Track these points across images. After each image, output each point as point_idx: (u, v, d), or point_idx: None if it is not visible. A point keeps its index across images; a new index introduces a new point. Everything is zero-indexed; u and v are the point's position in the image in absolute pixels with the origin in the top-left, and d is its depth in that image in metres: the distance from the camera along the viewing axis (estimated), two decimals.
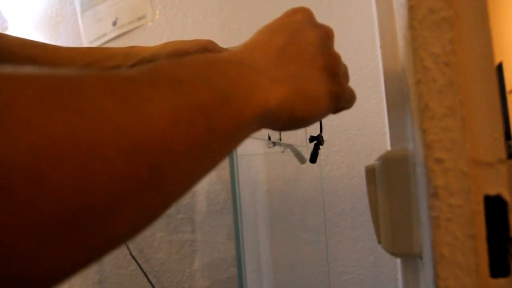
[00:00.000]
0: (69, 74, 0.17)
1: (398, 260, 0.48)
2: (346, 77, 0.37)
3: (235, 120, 0.24)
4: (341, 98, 0.34)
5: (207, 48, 0.53)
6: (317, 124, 0.57)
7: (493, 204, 0.26)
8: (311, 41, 0.33)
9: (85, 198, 0.15)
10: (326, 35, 0.34)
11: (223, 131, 0.23)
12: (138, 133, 0.17)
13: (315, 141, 0.55)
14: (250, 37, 0.33)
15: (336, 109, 0.35)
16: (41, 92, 0.15)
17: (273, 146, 0.88)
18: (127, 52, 0.52)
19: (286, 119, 0.29)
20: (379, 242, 0.44)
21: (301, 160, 0.93)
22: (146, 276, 1.13)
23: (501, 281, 0.26)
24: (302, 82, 0.30)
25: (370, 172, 0.45)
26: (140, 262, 1.15)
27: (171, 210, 1.18)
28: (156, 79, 0.20)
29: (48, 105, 0.15)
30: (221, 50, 0.55)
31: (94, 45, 1.33)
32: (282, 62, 0.30)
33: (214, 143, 0.22)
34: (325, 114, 0.34)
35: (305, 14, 0.35)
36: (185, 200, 1.17)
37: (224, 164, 1.12)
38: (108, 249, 0.18)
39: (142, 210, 0.18)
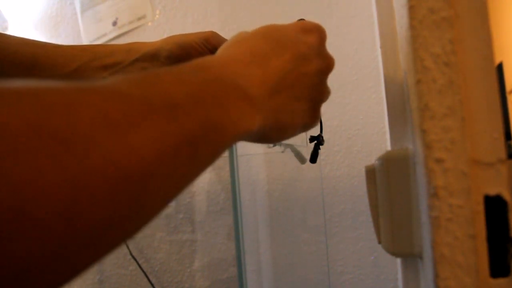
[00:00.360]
0: (59, 88, 0.16)
1: (398, 260, 0.48)
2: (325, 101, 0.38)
3: (217, 146, 0.24)
4: (310, 129, 0.35)
5: (210, 41, 0.52)
6: (318, 124, 0.57)
7: (493, 204, 0.26)
8: (312, 72, 0.32)
9: (70, 231, 0.15)
10: (327, 68, 0.34)
11: (205, 156, 0.23)
12: (125, 163, 0.17)
13: (315, 141, 0.55)
14: (253, 39, 0.31)
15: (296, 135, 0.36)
16: (30, 117, 0.14)
17: (273, 146, 0.88)
18: (128, 48, 0.51)
19: (255, 139, 0.31)
20: (379, 242, 0.44)
21: (301, 160, 0.93)
22: (146, 276, 1.13)
23: (501, 281, 0.26)
24: (284, 114, 0.31)
25: (370, 172, 0.45)
26: (140, 262, 1.15)
27: (171, 210, 1.18)
28: (151, 99, 0.20)
29: (37, 132, 0.14)
30: (224, 41, 0.54)
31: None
32: (276, 91, 0.29)
33: (194, 166, 0.22)
34: (289, 138, 0.34)
35: (320, 38, 0.34)
36: (185, 200, 1.17)
37: (224, 164, 1.12)
38: (92, 265, 0.18)
39: (125, 231, 0.19)
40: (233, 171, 0.99)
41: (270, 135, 0.31)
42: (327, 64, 0.33)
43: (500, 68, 1.36)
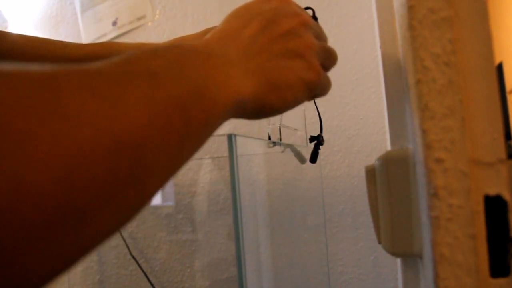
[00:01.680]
0: (45, 70, 0.17)
1: (398, 260, 0.48)
2: (331, 62, 0.37)
3: (209, 113, 0.24)
4: (315, 86, 0.34)
5: None
6: (317, 124, 0.57)
7: (493, 204, 0.26)
8: (284, 30, 0.33)
9: (66, 198, 0.15)
10: (301, 23, 0.34)
11: (198, 124, 0.23)
12: (117, 131, 0.17)
13: (315, 141, 0.55)
14: (222, 23, 0.33)
15: (311, 97, 0.35)
16: (19, 92, 0.15)
17: (273, 146, 0.88)
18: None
19: (256, 109, 0.30)
20: (379, 242, 0.44)
21: (301, 160, 0.93)
22: (146, 276, 1.13)
23: (501, 281, 0.26)
24: (272, 72, 0.31)
25: (370, 172, 0.45)
26: (140, 262, 1.15)
27: (171, 210, 1.18)
28: (131, 73, 0.21)
29: (26, 106, 0.15)
30: None
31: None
32: (253, 53, 0.31)
33: (189, 136, 0.22)
34: (298, 103, 0.34)
35: (282, 2, 0.35)
36: (185, 200, 1.17)
37: (224, 164, 1.12)
38: (92, 247, 0.18)
39: (123, 207, 0.19)
40: (233, 171, 0.99)
41: (270, 99, 0.30)
42: (300, 20, 0.34)
43: (500, 68, 1.36)
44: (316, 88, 0.34)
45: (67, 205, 0.15)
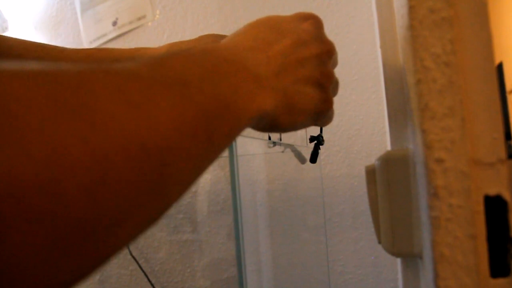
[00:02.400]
0: (74, 69, 0.17)
1: (398, 260, 0.48)
2: (335, 93, 0.38)
3: (233, 126, 0.25)
4: (323, 116, 0.35)
5: None
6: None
7: (493, 204, 0.26)
8: (312, 55, 0.33)
9: (97, 208, 0.15)
10: (327, 52, 0.34)
11: (221, 136, 0.23)
12: (145, 138, 0.17)
13: (315, 141, 0.55)
14: (256, 27, 0.33)
15: (316, 123, 0.36)
16: (51, 93, 0.14)
17: (273, 146, 0.88)
18: (133, 55, 0.51)
19: (268, 125, 0.31)
20: (379, 242, 0.44)
21: (301, 160, 0.93)
22: (146, 276, 1.13)
23: (501, 281, 0.26)
24: (293, 96, 0.31)
25: (370, 172, 0.45)
26: (140, 262, 1.15)
27: (171, 210, 1.18)
28: (164, 79, 0.21)
29: (58, 110, 0.14)
30: None
31: (94, 45, 1.33)
32: (281, 72, 0.31)
33: (211, 146, 0.23)
34: (303, 127, 0.34)
35: (316, 25, 0.35)
36: (185, 200, 1.17)
37: (224, 164, 1.12)
38: (115, 253, 0.18)
39: (147, 214, 0.18)
40: (233, 171, 0.99)
41: (282, 119, 0.31)
42: (328, 48, 0.34)
43: (500, 68, 1.36)
44: (322, 119, 0.35)
45: (98, 214, 0.15)
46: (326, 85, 0.34)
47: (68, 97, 0.15)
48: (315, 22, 0.35)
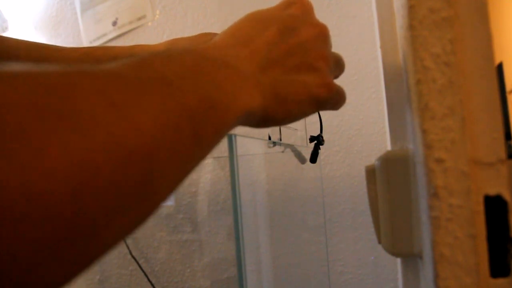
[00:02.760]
0: (55, 70, 0.17)
1: (398, 260, 0.48)
2: (339, 72, 0.36)
3: (219, 124, 0.24)
4: (325, 102, 0.33)
5: None
6: (317, 124, 0.57)
7: (493, 204, 0.26)
8: (301, 41, 0.31)
9: (79, 211, 0.15)
10: (319, 35, 0.32)
11: (207, 134, 0.23)
12: (129, 140, 0.17)
13: (315, 141, 0.55)
14: (237, 24, 0.32)
15: (320, 109, 0.34)
16: (32, 96, 0.14)
17: (273, 146, 0.88)
18: (131, 53, 0.50)
19: (261, 120, 0.30)
20: (379, 242, 0.44)
21: (301, 160, 0.93)
22: (146, 276, 1.13)
23: (501, 281, 0.26)
24: (283, 87, 0.30)
25: (370, 172, 0.45)
26: (140, 262, 1.15)
27: (171, 210, 1.18)
28: (145, 79, 0.20)
29: (39, 113, 0.14)
30: None
31: (94, 45, 1.33)
32: (267, 65, 0.29)
33: (198, 146, 0.22)
34: (303, 116, 0.33)
35: (303, 8, 0.33)
36: (185, 200, 1.17)
37: (224, 164, 1.11)
38: (100, 255, 0.17)
39: (133, 216, 0.18)
40: (233, 171, 0.99)
41: (275, 112, 0.30)
42: (319, 30, 0.32)
43: (500, 68, 1.36)
44: (326, 104, 0.33)
45: (80, 218, 0.15)
46: (323, 69, 0.32)
47: (50, 100, 0.15)
48: (301, 5, 0.34)
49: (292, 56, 0.31)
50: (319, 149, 0.55)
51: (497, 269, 0.26)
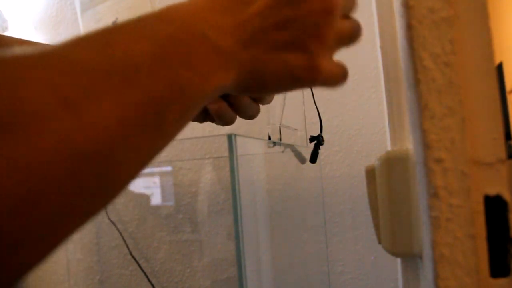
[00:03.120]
0: (7, 62, 0.15)
1: (398, 260, 0.48)
2: (341, 45, 0.31)
3: (187, 106, 0.22)
4: (311, 83, 0.29)
5: None
6: (317, 124, 0.57)
7: (493, 204, 0.26)
8: (299, 16, 0.27)
9: (25, 225, 0.14)
10: (323, 11, 0.27)
11: (172, 122, 0.22)
12: (81, 141, 0.16)
13: (315, 141, 0.55)
14: None
15: (309, 87, 0.31)
16: None
17: (273, 146, 0.88)
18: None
19: (234, 91, 0.28)
20: (379, 242, 0.44)
21: (301, 160, 0.93)
22: (146, 276, 1.13)
23: (501, 281, 0.26)
24: (262, 65, 0.27)
25: (370, 172, 0.45)
26: (140, 262, 1.15)
27: (171, 210, 1.18)
28: (107, 63, 0.18)
29: None
30: None
31: None
32: (251, 41, 0.26)
33: (162, 134, 0.21)
34: (283, 92, 0.30)
35: None
36: (185, 200, 1.17)
37: (224, 164, 1.11)
38: (59, 245, 0.17)
39: (91, 211, 0.18)
40: (233, 171, 0.99)
41: (249, 86, 0.28)
42: (325, 6, 0.27)
43: (500, 68, 1.36)
44: (313, 84, 0.30)
45: (33, 219, 0.14)
46: (314, 50, 0.28)
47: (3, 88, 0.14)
48: None
49: (282, 30, 0.27)
50: (319, 149, 0.55)
51: (497, 269, 0.26)
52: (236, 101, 0.35)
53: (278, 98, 0.75)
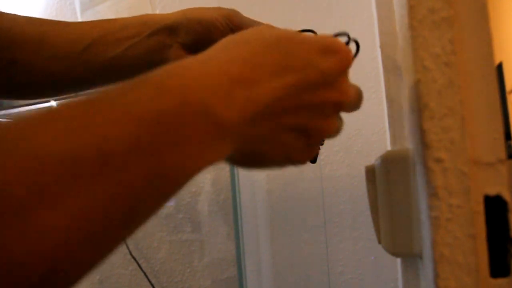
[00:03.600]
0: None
1: (398, 260, 0.48)
2: (336, 131, 0.32)
3: (168, 190, 0.21)
4: (299, 164, 0.31)
5: (233, 20, 0.43)
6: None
7: (493, 204, 0.26)
8: (312, 104, 0.26)
9: None
10: (336, 104, 0.27)
11: (150, 206, 0.20)
12: (19, 255, 0.14)
13: None
14: (257, 38, 0.25)
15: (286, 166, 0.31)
16: None
17: None
18: (143, 21, 0.44)
19: (225, 162, 0.27)
20: (379, 242, 0.44)
21: None
22: (146, 276, 1.13)
23: (501, 281, 0.26)
24: (262, 144, 0.26)
25: (370, 172, 0.45)
26: (140, 262, 1.15)
27: (171, 210, 1.18)
28: (76, 152, 0.16)
29: None
30: (247, 21, 0.44)
31: None
32: (260, 119, 0.24)
33: (136, 221, 0.19)
34: (275, 169, 0.30)
35: (340, 65, 0.27)
36: (185, 200, 1.17)
37: (224, 164, 1.12)
38: None
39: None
40: (233, 171, 0.99)
41: (241, 162, 0.27)
42: (338, 99, 0.27)
43: (500, 68, 1.36)
44: (301, 165, 0.31)
45: None
46: (314, 138, 0.28)
47: None
48: (340, 61, 0.27)
49: (294, 115, 0.26)
50: (319, 149, 0.55)
51: (497, 269, 0.26)
52: None
53: None
